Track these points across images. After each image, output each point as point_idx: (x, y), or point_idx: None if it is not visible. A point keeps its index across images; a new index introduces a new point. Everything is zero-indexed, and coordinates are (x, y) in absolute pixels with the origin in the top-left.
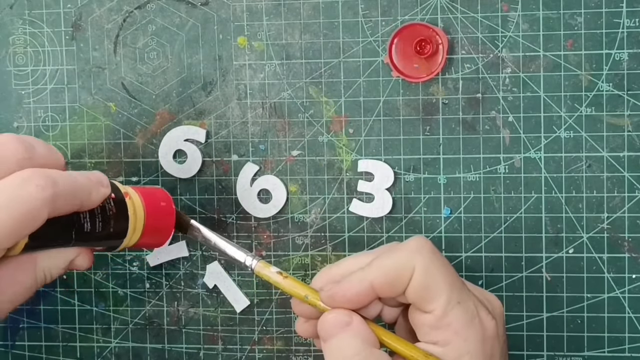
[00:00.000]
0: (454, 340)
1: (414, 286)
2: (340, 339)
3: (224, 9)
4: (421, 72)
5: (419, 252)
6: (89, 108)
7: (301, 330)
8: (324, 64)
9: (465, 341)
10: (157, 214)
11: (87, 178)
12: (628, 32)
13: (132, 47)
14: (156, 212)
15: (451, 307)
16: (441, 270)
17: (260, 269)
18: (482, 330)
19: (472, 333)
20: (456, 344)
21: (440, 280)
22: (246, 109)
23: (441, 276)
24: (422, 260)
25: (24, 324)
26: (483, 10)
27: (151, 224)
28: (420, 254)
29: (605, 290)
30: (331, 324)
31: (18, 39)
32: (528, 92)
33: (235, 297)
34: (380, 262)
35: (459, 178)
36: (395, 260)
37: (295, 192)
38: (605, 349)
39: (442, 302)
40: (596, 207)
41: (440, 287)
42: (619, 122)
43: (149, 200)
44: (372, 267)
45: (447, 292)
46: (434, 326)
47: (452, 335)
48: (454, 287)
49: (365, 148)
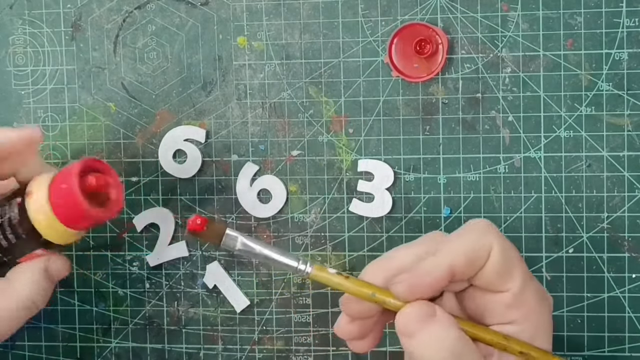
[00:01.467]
0: (531, 316)
1: (492, 265)
2: (430, 331)
3: (224, 8)
4: (421, 72)
5: (490, 232)
6: (89, 108)
7: (345, 330)
8: (323, 64)
9: (541, 316)
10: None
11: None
12: (628, 32)
13: (132, 47)
14: (60, 198)
15: (527, 284)
16: (513, 247)
17: (317, 272)
18: (549, 305)
19: (544, 308)
20: (533, 320)
21: (516, 258)
22: (246, 108)
23: (515, 253)
24: (497, 238)
25: (23, 325)
26: (483, 10)
27: (61, 212)
28: (492, 233)
29: (605, 289)
30: (415, 318)
31: (18, 39)
32: (528, 92)
33: (235, 297)
34: (454, 245)
35: (458, 178)
36: (472, 241)
37: (295, 192)
38: (605, 349)
39: (519, 279)
40: (596, 206)
41: (517, 265)
42: (619, 121)
43: (56, 186)
44: (445, 251)
45: (523, 269)
46: (511, 305)
47: (528, 312)
48: (524, 265)
49: (365, 148)
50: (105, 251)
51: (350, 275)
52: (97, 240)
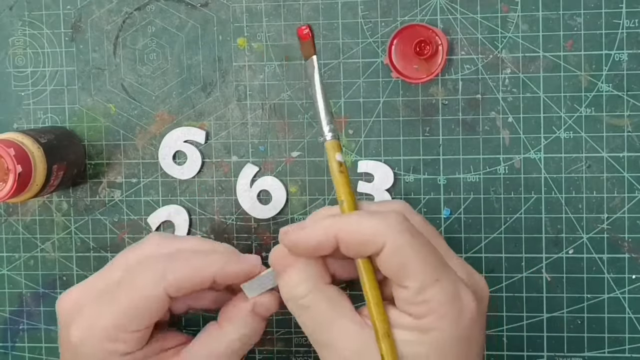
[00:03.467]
0: (429, 316)
1: (383, 262)
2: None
3: (224, 10)
4: (421, 73)
5: (392, 228)
6: (89, 109)
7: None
8: (323, 65)
9: (441, 319)
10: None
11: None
12: (627, 33)
13: (132, 49)
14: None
15: (428, 285)
16: (415, 248)
17: (329, 147)
18: (460, 310)
19: (449, 311)
20: (430, 320)
21: (414, 260)
22: (246, 110)
23: (415, 255)
24: (393, 238)
25: (24, 326)
26: (483, 11)
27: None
28: (393, 230)
29: (605, 290)
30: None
31: (18, 41)
32: (528, 93)
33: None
34: (350, 220)
35: (458, 179)
36: (365, 228)
37: (295, 193)
38: (605, 350)
39: (416, 281)
40: (596, 207)
41: (413, 267)
42: (619, 122)
43: None
44: (341, 221)
45: (422, 272)
46: (408, 301)
47: (427, 311)
48: (431, 265)
49: (365, 149)
50: (105, 252)
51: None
52: (97, 241)
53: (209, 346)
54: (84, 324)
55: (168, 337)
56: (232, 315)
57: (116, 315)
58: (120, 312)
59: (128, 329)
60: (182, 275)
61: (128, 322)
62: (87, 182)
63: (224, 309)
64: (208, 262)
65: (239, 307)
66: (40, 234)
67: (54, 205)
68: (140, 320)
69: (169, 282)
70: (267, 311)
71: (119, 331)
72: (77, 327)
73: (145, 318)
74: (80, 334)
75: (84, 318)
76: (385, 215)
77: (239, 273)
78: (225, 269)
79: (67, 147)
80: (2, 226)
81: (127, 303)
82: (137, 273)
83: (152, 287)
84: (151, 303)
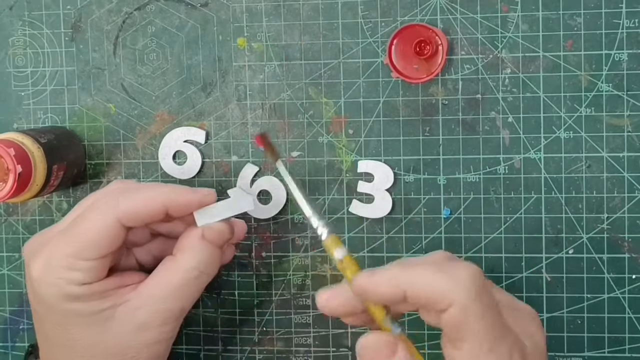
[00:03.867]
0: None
1: (447, 320)
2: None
3: (224, 10)
4: (421, 73)
5: (462, 288)
6: (89, 109)
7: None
8: (323, 65)
9: None
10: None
11: None
12: (627, 33)
13: (132, 49)
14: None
15: (481, 354)
16: (480, 313)
17: (327, 246)
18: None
19: None
20: None
21: (475, 326)
22: (246, 110)
23: (478, 321)
24: (462, 299)
25: (23, 325)
26: (483, 10)
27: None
28: (463, 291)
29: (605, 290)
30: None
31: (18, 41)
32: (528, 93)
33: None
34: (420, 275)
35: (458, 179)
36: (435, 284)
37: None
38: (605, 350)
39: (472, 347)
40: (596, 207)
41: (473, 333)
42: (619, 122)
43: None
44: (411, 273)
45: (480, 339)
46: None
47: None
48: (490, 334)
49: (365, 149)
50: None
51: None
52: None
53: (164, 278)
54: (43, 258)
55: (126, 275)
56: (184, 244)
57: (73, 243)
58: (77, 241)
59: (84, 257)
60: (134, 203)
61: (84, 249)
62: (87, 182)
63: (178, 241)
64: (160, 191)
65: (189, 235)
66: None
67: (54, 205)
68: (96, 248)
69: (121, 210)
70: (219, 237)
71: (75, 259)
72: (37, 261)
73: (101, 246)
74: (40, 266)
75: (44, 252)
76: (457, 273)
77: (191, 201)
78: (176, 196)
79: (67, 147)
80: (2, 226)
81: (83, 232)
82: (94, 207)
83: (105, 216)
84: (106, 231)
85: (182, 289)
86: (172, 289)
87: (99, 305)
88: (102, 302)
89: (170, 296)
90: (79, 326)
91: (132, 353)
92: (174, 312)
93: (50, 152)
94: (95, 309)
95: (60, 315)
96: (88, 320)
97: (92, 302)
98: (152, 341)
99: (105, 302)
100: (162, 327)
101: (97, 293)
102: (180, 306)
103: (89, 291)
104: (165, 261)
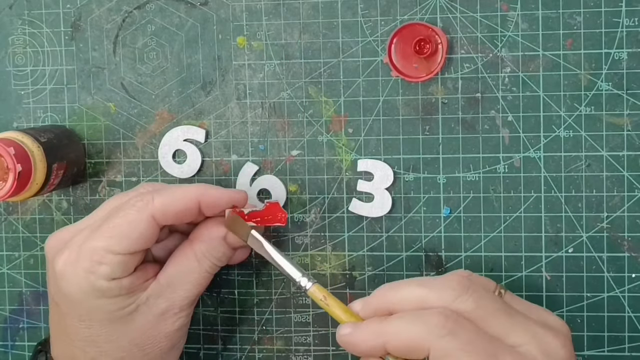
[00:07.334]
0: None
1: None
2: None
3: (223, 8)
4: (420, 72)
5: (433, 333)
6: (89, 108)
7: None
8: (323, 64)
9: None
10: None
11: None
12: (627, 32)
13: (132, 47)
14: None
15: None
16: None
17: (314, 292)
18: None
19: None
20: None
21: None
22: (245, 108)
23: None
24: (436, 343)
25: (24, 324)
26: (482, 9)
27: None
28: (435, 335)
29: (605, 289)
30: None
31: (17, 39)
32: (527, 92)
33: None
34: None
35: (458, 178)
36: (409, 335)
37: (295, 192)
38: (605, 349)
39: None
40: (596, 206)
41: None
42: (619, 121)
43: None
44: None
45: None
46: None
47: None
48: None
49: (364, 148)
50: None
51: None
52: None
53: (183, 266)
54: (70, 252)
55: (146, 269)
56: (203, 234)
57: (104, 237)
58: (109, 235)
59: (115, 250)
60: (169, 200)
61: (116, 243)
62: (87, 181)
63: (197, 230)
64: (193, 188)
65: (211, 230)
66: (40, 233)
67: (54, 204)
68: (128, 242)
69: (154, 206)
70: (238, 243)
71: (106, 252)
72: (62, 256)
73: (132, 240)
74: (67, 261)
75: (71, 247)
76: (428, 317)
77: (223, 196)
78: (209, 192)
79: (67, 146)
80: (2, 225)
81: (117, 226)
82: (129, 204)
83: (140, 211)
84: (140, 226)
85: (199, 278)
86: (190, 278)
87: (124, 301)
88: (127, 298)
89: (188, 283)
90: (102, 321)
91: (153, 342)
92: (190, 298)
93: (50, 151)
94: (121, 305)
95: (85, 310)
96: (113, 315)
97: (118, 297)
98: (171, 329)
99: (131, 297)
100: (180, 313)
101: (124, 288)
102: (197, 292)
103: (117, 286)
104: (184, 249)
